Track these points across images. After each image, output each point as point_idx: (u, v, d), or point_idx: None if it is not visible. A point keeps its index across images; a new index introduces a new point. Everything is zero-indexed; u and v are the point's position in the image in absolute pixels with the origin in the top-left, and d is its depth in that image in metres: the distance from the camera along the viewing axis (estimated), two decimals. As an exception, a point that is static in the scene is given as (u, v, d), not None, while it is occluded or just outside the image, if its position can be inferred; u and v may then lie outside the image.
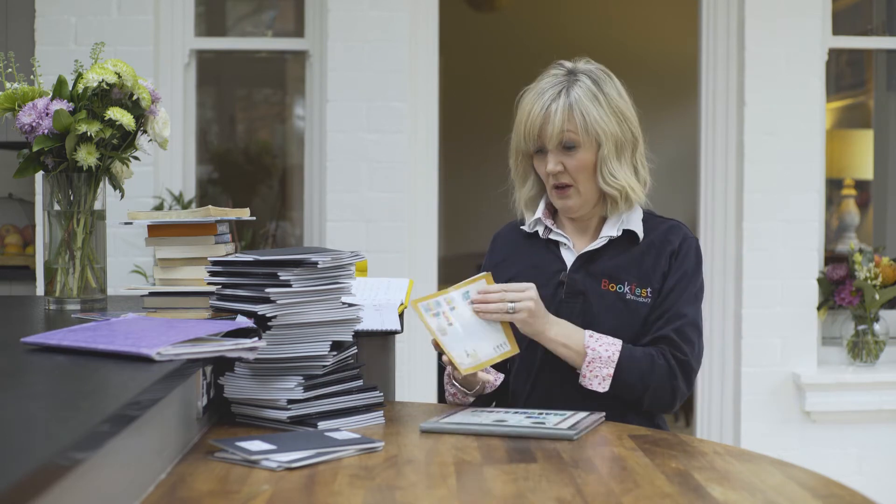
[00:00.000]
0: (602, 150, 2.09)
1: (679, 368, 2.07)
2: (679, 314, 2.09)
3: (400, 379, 3.55)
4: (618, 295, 2.10)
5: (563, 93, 2.09)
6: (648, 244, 2.14)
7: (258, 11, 5.35)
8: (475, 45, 6.98)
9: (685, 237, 2.16)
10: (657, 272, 2.12)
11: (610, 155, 2.09)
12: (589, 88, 2.10)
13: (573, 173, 2.10)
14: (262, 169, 5.78)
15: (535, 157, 2.15)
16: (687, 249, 2.14)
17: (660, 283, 2.11)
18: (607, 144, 2.09)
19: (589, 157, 2.09)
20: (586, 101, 2.08)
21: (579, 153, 2.09)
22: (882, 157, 5.03)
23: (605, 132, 2.08)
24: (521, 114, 2.13)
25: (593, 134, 2.08)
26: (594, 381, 2.04)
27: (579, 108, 2.08)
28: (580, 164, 2.09)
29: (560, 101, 2.08)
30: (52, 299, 2.17)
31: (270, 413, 1.79)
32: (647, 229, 2.16)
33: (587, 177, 2.10)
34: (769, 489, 1.50)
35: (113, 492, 1.32)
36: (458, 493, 1.45)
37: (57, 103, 2.10)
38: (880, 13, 4.91)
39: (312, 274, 1.75)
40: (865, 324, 4.14)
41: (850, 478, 3.99)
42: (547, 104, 2.08)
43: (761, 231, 4.08)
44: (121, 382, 1.42)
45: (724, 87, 4.16)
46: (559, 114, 2.07)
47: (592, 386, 2.04)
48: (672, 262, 2.13)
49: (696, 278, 2.15)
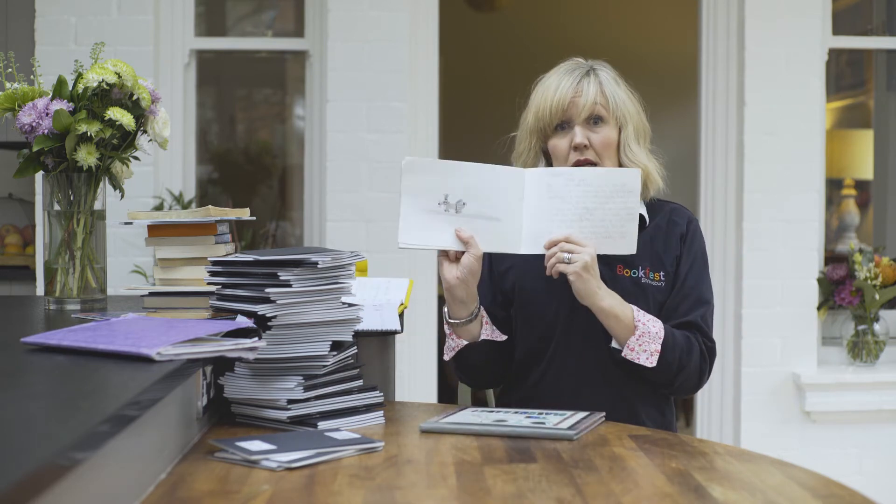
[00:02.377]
0: (625, 131, 2.15)
1: (708, 354, 2.14)
2: (702, 300, 2.16)
3: (400, 379, 3.55)
4: (633, 280, 2.13)
5: (591, 73, 2.16)
6: (655, 227, 2.19)
7: (258, 11, 5.35)
8: (475, 45, 6.98)
9: (689, 219, 2.22)
10: (669, 255, 2.16)
11: (631, 137, 2.15)
12: (611, 75, 2.19)
13: (598, 148, 2.13)
14: (262, 169, 5.78)
15: (555, 135, 2.16)
16: (694, 230, 2.20)
17: (673, 265, 2.16)
18: (629, 126, 2.15)
19: (613, 134, 2.15)
20: (612, 83, 2.17)
21: (605, 129, 2.14)
22: (882, 157, 5.03)
23: (629, 114, 2.16)
24: (546, 90, 2.15)
25: (619, 114, 2.15)
26: (642, 356, 2.06)
27: (609, 87, 2.15)
28: (606, 140, 2.13)
29: (591, 78, 2.15)
30: (52, 299, 2.17)
31: (270, 413, 1.79)
32: (652, 213, 2.21)
33: (610, 154, 2.15)
34: (769, 489, 1.50)
35: (113, 492, 1.32)
36: (458, 493, 1.45)
37: (57, 103, 2.10)
38: (880, 13, 4.91)
39: (312, 274, 1.75)
40: (865, 324, 4.14)
41: (850, 478, 3.99)
42: (578, 79, 2.14)
43: (761, 231, 4.08)
44: (121, 382, 1.42)
45: (724, 87, 4.16)
46: (592, 87, 2.13)
47: (640, 360, 2.06)
48: (683, 246, 2.18)
49: (706, 258, 2.22)
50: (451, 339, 2.16)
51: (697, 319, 2.14)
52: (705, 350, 2.14)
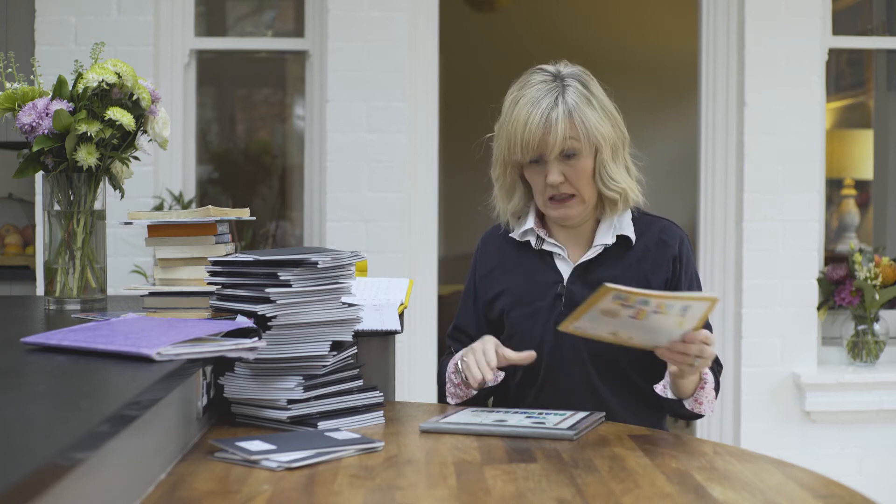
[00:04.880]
0: (600, 154, 2.06)
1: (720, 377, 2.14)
2: (708, 325, 2.10)
3: (400, 379, 3.55)
4: None
5: (560, 99, 2.03)
6: (644, 249, 2.13)
7: (258, 11, 5.35)
8: (475, 45, 6.98)
9: (681, 239, 2.15)
10: (657, 277, 2.11)
11: (607, 158, 2.07)
12: (581, 93, 2.05)
13: (575, 182, 2.06)
14: (262, 169, 5.78)
15: (529, 169, 2.09)
16: (687, 252, 2.16)
17: (661, 288, 2.09)
18: (605, 148, 2.06)
19: (588, 163, 2.06)
20: (583, 105, 2.04)
21: (580, 161, 2.05)
22: (882, 157, 5.03)
23: (603, 136, 2.05)
24: (516, 124, 2.04)
25: (593, 140, 2.04)
26: (706, 407, 2.06)
27: (578, 114, 2.03)
28: (581, 172, 2.06)
29: (559, 109, 2.02)
30: (52, 299, 2.17)
31: (270, 413, 1.79)
32: (639, 231, 2.15)
33: (587, 183, 2.07)
34: (769, 489, 1.50)
35: (113, 492, 1.32)
36: (458, 493, 1.45)
37: (57, 103, 2.10)
38: (880, 13, 4.91)
39: (312, 274, 1.75)
40: (865, 324, 4.14)
41: (850, 478, 3.99)
42: (546, 112, 2.02)
43: (761, 231, 4.08)
44: (121, 382, 1.42)
45: (724, 87, 4.15)
46: (561, 122, 2.01)
47: (705, 411, 2.06)
48: (679, 268, 2.13)
49: (699, 278, 2.19)
50: (459, 389, 2.11)
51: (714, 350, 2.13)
52: (720, 378, 2.14)
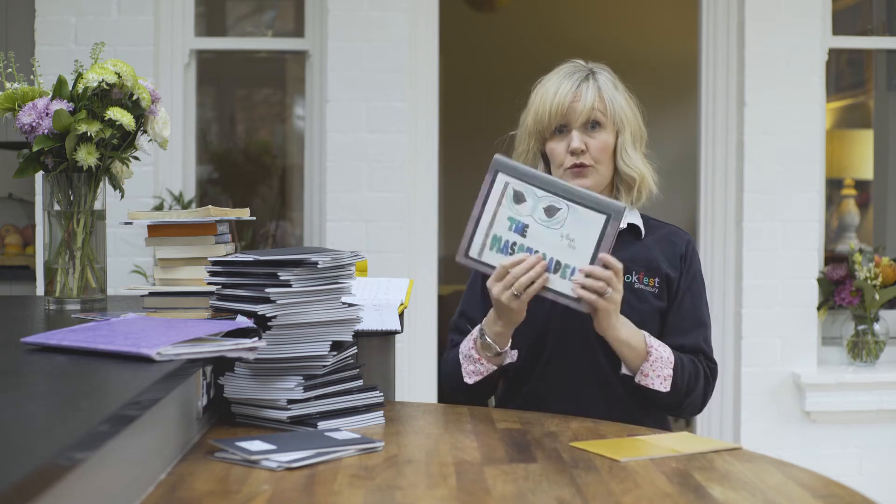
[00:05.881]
0: (622, 136, 2.16)
1: (711, 376, 2.17)
2: (702, 322, 2.18)
3: (400, 379, 3.55)
4: (627, 285, 2.12)
5: (591, 77, 2.17)
6: (654, 239, 2.20)
7: (258, 11, 5.35)
8: (475, 45, 6.98)
9: (688, 241, 2.23)
10: (664, 266, 2.17)
11: (627, 142, 2.16)
12: (610, 79, 2.20)
13: (595, 153, 2.13)
14: (262, 169, 5.78)
15: (552, 138, 2.16)
16: (693, 253, 2.22)
17: (668, 277, 2.15)
18: (626, 132, 2.16)
19: (610, 139, 2.15)
20: (611, 88, 2.17)
21: (603, 134, 2.14)
22: (882, 157, 5.03)
23: (626, 119, 2.16)
24: (545, 93, 2.16)
25: (617, 119, 2.15)
26: (656, 381, 2.06)
27: (607, 92, 2.16)
28: (602, 145, 2.14)
29: (590, 83, 2.15)
30: (52, 299, 2.17)
31: (270, 413, 1.79)
32: (648, 229, 2.22)
33: (607, 158, 2.15)
34: (769, 489, 1.51)
35: (113, 492, 1.32)
36: (458, 493, 1.45)
37: (57, 103, 2.10)
38: (880, 13, 4.91)
39: (312, 274, 1.75)
40: (865, 324, 4.14)
41: (850, 478, 3.99)
42: (577, 83, 2.15)
43: (761, 231, 4.08)
44: (121, 382, 1.42)
45: (724, 87, 4.16)
46: (590, 92, 2.14)
47: (654, 385, 2.06)
48: (682, 265, 2.19)
49: (703, 281, 2.24)
50: (479, 364, 2.08)
51: (700, 342, 2.16)
52: (709, 372, 2.16)
